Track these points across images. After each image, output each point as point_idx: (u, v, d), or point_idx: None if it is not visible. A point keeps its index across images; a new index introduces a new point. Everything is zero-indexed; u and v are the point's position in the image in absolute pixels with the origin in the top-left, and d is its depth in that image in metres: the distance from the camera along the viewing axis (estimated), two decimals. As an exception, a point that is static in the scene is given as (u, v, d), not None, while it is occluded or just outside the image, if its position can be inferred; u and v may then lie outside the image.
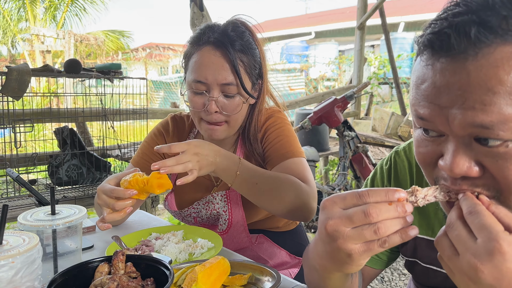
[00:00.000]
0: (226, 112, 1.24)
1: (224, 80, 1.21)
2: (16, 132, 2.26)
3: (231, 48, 1.21)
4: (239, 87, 1.23)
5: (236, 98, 1.24)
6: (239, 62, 1.22)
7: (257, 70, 1.30)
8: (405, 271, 3.16)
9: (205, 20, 3.84)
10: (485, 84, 0.54)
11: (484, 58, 0.54)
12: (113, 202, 1.01)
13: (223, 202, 1.35)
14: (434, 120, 0.60)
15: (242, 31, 1.27)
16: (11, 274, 0.72)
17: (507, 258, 0.52)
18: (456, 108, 0.56)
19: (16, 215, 1.48)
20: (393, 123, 5.79)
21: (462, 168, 0.59)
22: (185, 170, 1.05)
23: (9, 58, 14.22)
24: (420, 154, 0.66)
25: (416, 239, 0.90)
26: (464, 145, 0.59)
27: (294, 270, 1.43)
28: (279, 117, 1.37)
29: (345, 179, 3.90)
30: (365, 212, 0.61)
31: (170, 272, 0.78)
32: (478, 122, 0.55)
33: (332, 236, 0.64)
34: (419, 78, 0.61)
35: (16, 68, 2.20)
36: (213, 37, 1.22)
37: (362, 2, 5.93)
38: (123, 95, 2.74)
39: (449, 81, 0.57)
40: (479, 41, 0.54)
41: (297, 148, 1.31)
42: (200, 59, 1.22)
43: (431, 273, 0.88)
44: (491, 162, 0.58)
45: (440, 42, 0.57)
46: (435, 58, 0.58)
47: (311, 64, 14.83)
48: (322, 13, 22.27)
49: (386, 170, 0.96)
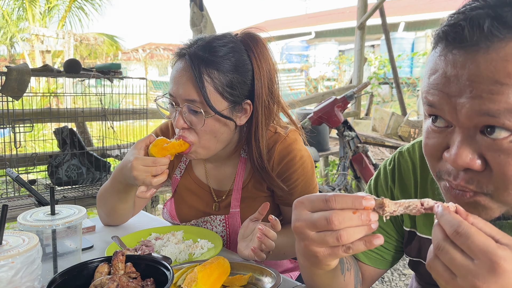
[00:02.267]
0: (194, 127, 1.16)
1: (187, 96, 1.14)
2: (15, 132, 2.26)
3: (199, 64, 1.12)
4: (203, 104, 1.13)
5: (201, 115, 1.14)
6: (207, 78, 1.12)
7: (243, 89, 1.18)
8: (405, 271, 3.16)
9: (205, 20, 3.84)
10: (494, 76, 0.55)
11: (495, 51, 0.55)
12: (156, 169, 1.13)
13: (221, 226, 1.32)
14: (443, 107, 0.61)
15: (230, 48, 1.17)
16: (11, 274, 0.72)
17: (508, 274, 0.52)
18: (464, 97, 0.58)
19: (16, 215, 1.48)
20: (393, 123, 5.78)
21: (465, 160, 0.60)
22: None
23: (9, 58, 14.22)
24: (427, 146, 0.67)
25: (420, 239, 0.90)
26: (469, 137, 0.60)
27: (295, 273, 1.44)
28: (298, 150, 1.25)
29: (345, 179, 3.90)
30: (327, 219, 0.62)
31: (170, 272, 0.78)
32: (484, 110, 0.56)
33: (299, 237, 0.67)
34: (432, 68, 0.63)
35: (15, 68, 2.20)
36: (189, 51, 1.15)
37: (362, 2, 5.92)
38: (123, 95, 2.74)
39: (458, 72, 0.58)
40: (491, 35, 0.56)
41: (314, 186, 1.28)
42: (172, 72, 1.18)
43: None
44: (494, 156, 0.59)
45: (454, 33, 0.59)
46: (448, 50, 0.60)
47: (311, 64, 14.84)
48: (322, 13, 22.26)
49: (390, 170, 0.96)
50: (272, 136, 1.26)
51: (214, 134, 1.17)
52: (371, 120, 6.19)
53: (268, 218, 1.06)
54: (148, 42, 15.81)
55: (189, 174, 1.39)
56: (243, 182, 1.30)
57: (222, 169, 1.35)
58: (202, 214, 1.36)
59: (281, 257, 1.25)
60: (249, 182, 1.29)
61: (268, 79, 1.21)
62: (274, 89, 1.24)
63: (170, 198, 1.46)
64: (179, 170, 1.41)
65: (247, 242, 1.10)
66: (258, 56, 1.20)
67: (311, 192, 1.27)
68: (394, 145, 5.21)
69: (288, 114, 1.32)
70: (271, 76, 1.22)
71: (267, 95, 1.21)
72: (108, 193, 1.30)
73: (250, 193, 1.29)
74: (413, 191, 0.91)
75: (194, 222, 1.37)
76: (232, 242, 1.31)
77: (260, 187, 1.28)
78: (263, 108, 1.20)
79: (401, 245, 0.98)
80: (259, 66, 1.19)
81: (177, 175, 1.40)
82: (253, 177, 1.28)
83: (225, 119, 1.16)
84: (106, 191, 1.31)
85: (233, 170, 1.33)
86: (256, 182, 1.28)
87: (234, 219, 1.30)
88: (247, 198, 1.29)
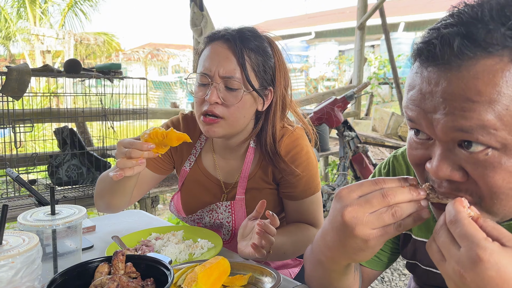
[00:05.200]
0: (227, 103, 1.19)
1: (227, 73, 1.18)
2: (16, 132, 2.27)
3: (240, 43, 1.19)
4: (244, 82, 1.19)
5: (239, 91, 1.19)
6: (246, 57, 1.20)
7: (269, 75, 1.26)
8: (405, 271, 3.16)
9: (205, 20, 3.84)
10: (465, 94, 0.56)
11: (466, 70, 0.56)
12: (130, 151, 1.07)
13: (227, 212, 1.33)
14: (421, 122, 0.63)
15: (259, 37, 1.26)
16: (11, 274, 0.72)
17: (489, 266, 0.52)
18: (439, 113, 0.59)
19: (16, 215, 1.48)
20: (393, 123, 5.79)
21: (445, 172, 0.61)
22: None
23: (9, 58, 14.22)
24: (411, 156, 0.69)
25: (415, 242, 0.92)
26: (448, 150, 0.61)
27: (295, 270, 1.44)
28: (305, 145, 1.30)
29: (345, 179, 3.90)
30: (383, 194, 0.64)
31: (170, 272, 0.78)
32: (458, 127, 0.58)
33: (349, 224, 0.66)
34: (410, 84, 0.65)
35: (16, 68, 2.20)
36: (226, 32, 1.22)
37: (362, 2, 5.93)
38: (123, 95, 2.74)
39: (432, 89, 0.60)
40: (461, 53, 0.56)
41: (317, 183, 1.31)
42: (208, 52, 1.22)
43: (430, 275, 0.90)
44: (472, 169, 0.60)
45: (427, 51, 0.60)
46: (423, 67, 0.61)
47: (311, 64, 14.84)
48: (322, 13, 22.26)
49: (385, 174, 0.98)
50: (280, 130, 1.31)
51: (244, 112, 1.23)
52: (371, 120, 6.20)
53: (266, 213, 1.07)
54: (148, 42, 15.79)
55: (199, 166, 1.40)
56: (251, 173, 1.32)
57: (231, 161, 1.37)
58: (208, 205, 1.37)
59: (281, 256, 1.25)
60: (257, 173, 1.32)
61: (285, 74, 1.30)
62: (288, 85, 1.33)
63: (177, 192, 1.46)
64: (189, 162, 1.41)
65: (247, 241, 1.10)
66: (277, 50, 1.29)
67: (315, 188, 1.30)
68: (394, 145, 5.22)
69: (297, 112, 1.38)
70: (286, 73, 1.32)
71: (284, 87, 1.30)
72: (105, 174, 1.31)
73: (257, 184, 1.32)
74: None
75: (199, 212, 1.37)
76: (237, 229, 1.33)
77: (267, 179, 1.31)
78: (280, 98, 1.29)
79: (397, 246, 0.99)
80: (279, 60, 1.28)
81: (186, 167, 1.41)
82: (260, 168, 1.31)
83: (255, 98, 1.24)
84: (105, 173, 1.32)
85: (241, 162, 1.35)
86: (263, 174, 1.31)
87: (240, 205, 1.32)
88: (253, 189, 1.32)
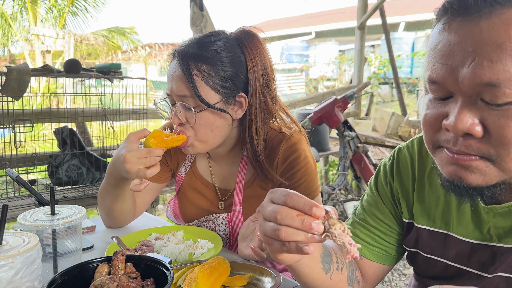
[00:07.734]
0: (189, 123, 1.18)
1: (179, 92, 1.17)
2: (16, 132, 2.27)
3: (187, 59, 1.15)
4: (195, 99, 1.15)
5: (195, 110, 1.16)
6: (196, 72, 1.15)
7: (237, 80, 1.19)
8: (405, 271, 3.16)
9: (205, 20, 3.84)
10: (496, 40, 0.60)
11: (497, 16, 0.60)
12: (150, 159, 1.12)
13: (224, 225, 1.32)
14: (445, 81, 0.65)
15: (222, 40, 1.19)
16: (11, 274, 0.72)
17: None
18: (466, 67, 0.61)
19: (16, 215, 1.48)
20: (393, 123, 5.78)
21: (465, 125, 0.63)
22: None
23: (9, 58, 14.21)
24: (426, 116, 0.71)
25: (418, 229, 0.92)
26: (470, 103, 0.64)
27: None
28: (303, 150, 1.26)
29: (345, 179, 3.90)
30: (275, 212, 0.66)
31: (170, 272, 0.78)
32: (486, 81, 0.60)
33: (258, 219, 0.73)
34: (435, 40, 0.67)
35: (16, 68, 2.20)
36: (179, 49, 1.19)
37: (362, 2, 5.92)
38: (123, 95, 2.74)
39: (462, 39, 0.62)
40: (494, 1, 0.61)
41: (316, 187, 1.28)
42: (167, 72, 1.23)
43: (431, 263, 0.90)
44: (493, 121, 0.62)
45: (458, 2, 0.63)
46: (453, 18, 0.64)
47: (311, 64, 14.83)
48: (322, 13, 22.25)
49: (389, 166, 0.98)
50: (277, 136, 1.27)
51: (210, 127, 1.19)
52: (371, 120, 6.19)
53: None
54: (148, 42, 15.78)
55: (194, 173, 1.39)
56: (248, 181, 1.30)
57: (226, 168, 1.35)
58: (206, 213, 1.35)
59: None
60: (255, 181, 1.29)
61: (263, 73, 1.22)
62: (270, 84, 1.24)
63: (174, 196, 1.45)
64: (184, 168, 1.40)
65: (248, 242, 1.10)
66: (252, 49, 1.21)
67: (314, 192, 1.27)
68: (394, 145, 5.21)
69: (288, 114, 1.32)
70: (267, 70, 1.23)
71: (262, 88, 1.22)
72: (104, 190, 1.30)
73: (255, 191, 1.29)
74: (410, 184, 0.94)
75: (196, 222, 1.37)
76: (235, 241, 1.31)
77: (265, 186, 1.28)
78: (257, 102, 1.22)
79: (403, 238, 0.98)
80: (252, 60, 1.20)
81: (181, 173, 1.40)
82: (258, 176, 1.29)
83: (219, 112, 1.18)
84: (103, 188, 1.31)
85: (236, 168, 1.33)
86: (261, 181, 1.28)
87: (237, 217, 1.30)
88: (252, 196, 1.29)
